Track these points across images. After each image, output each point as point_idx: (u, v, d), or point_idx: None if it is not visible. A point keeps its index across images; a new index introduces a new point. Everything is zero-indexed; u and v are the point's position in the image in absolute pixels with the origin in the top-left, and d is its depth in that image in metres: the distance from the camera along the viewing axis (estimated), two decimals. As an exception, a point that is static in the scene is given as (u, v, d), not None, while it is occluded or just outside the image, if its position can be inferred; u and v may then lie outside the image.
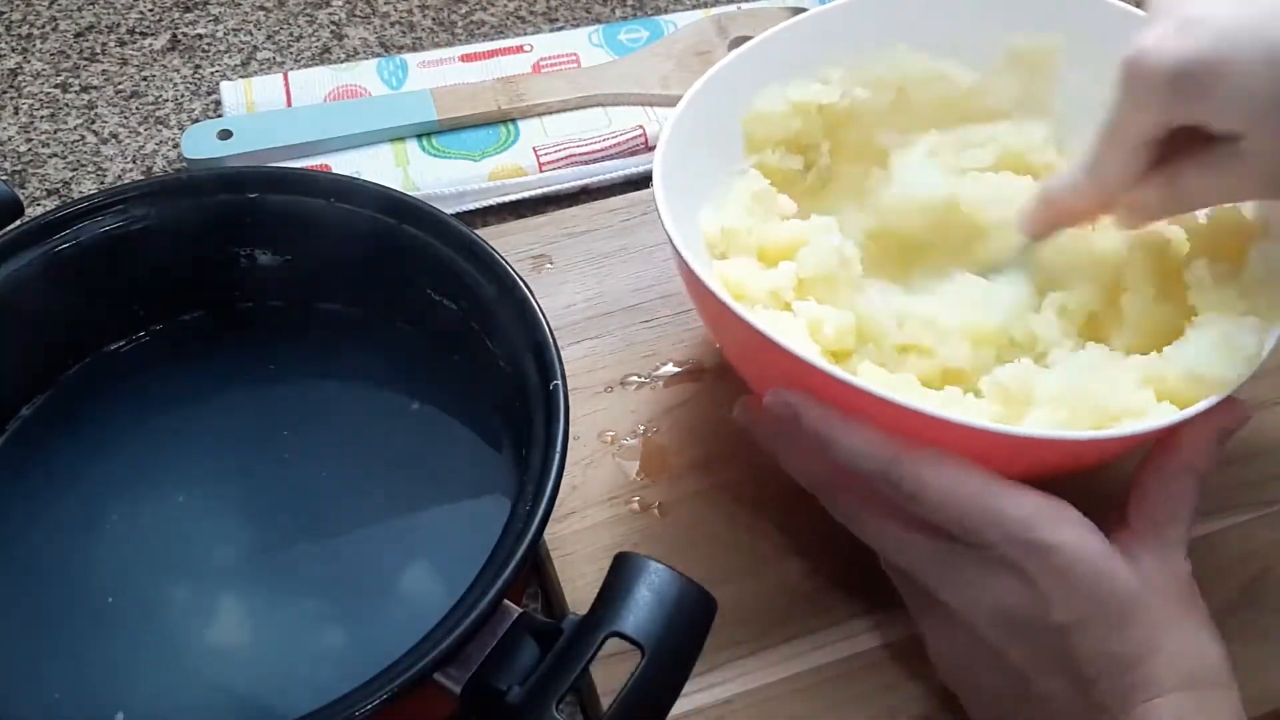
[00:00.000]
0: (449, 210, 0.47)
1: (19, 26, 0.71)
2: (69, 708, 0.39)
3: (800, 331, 0.45)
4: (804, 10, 0.71)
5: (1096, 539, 0.38)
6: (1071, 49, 0.52)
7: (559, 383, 0.40)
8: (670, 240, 0.43)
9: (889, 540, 0.42)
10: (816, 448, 0.41)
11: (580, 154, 0.64)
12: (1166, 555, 0.40)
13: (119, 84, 0.68)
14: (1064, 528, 0.38)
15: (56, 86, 0.68)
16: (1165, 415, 0.40)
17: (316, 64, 0.70)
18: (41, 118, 0.66)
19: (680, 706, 0.37)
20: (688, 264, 0.42)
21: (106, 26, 0.71)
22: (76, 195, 0.62)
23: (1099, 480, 0.45)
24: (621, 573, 0.36)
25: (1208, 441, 0.41)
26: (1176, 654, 0.38)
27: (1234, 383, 0.40)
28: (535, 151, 0.64)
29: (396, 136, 0.64)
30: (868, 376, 0.43)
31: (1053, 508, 0.39)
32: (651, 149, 0.61)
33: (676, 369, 0.54)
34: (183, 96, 0.68)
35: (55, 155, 0.64)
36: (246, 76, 0.68)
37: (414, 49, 0.71)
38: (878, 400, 0.39)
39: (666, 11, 0.74)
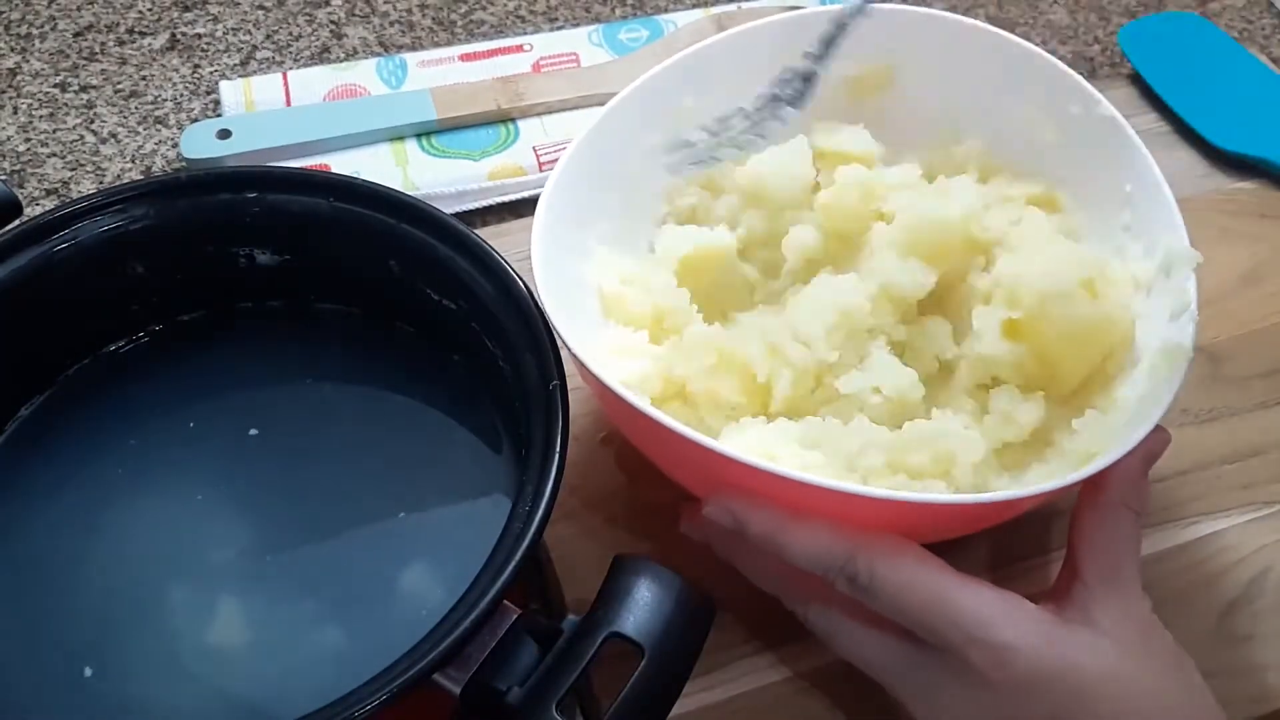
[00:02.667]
0: (449, 210, 0.47)
1: (18, 26, 0.71)
2: (69, 708, 0.39)
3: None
4: (801, 9, 0.71)
5: (1053, 631, 0.38)
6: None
7: (558, 383, 0.40)
8: (569, 349, 0.41)
9: (854, 643, 0.41)
10: (768, 552, 0.40)
11: (580, 153, 0.64)
12: (1125, 604, 0.40)
13: (118, 83, 0.68)
14: (1020, 625, 0.38)
15: (55, 86, 0.68)
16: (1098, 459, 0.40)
17: (316, 63, 0.70)
18: (40, 117, 0.66)
19: (680, 706, 0.37)
20: (595, 375, 0.40)
21: (105, 26, 0.71)
22: (75, 195, 0.62)
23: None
24: (621, 574, 0.37)
25: (1138, 474, 0.42)
26: (1161, 710, 0.38)
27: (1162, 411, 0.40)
28: (535, 151, 0.64)
29: (396, 136, 0.64)
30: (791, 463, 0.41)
31: (1008, 605, 0.38)
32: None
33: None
34: (182, 96, 0.68)
35: (54, 155, 0.64)
36: (246, 76, 0.68)
37: (413, 48, 0.71)
38: (825, 491, 0.38)
39: (666, 11, 0.74)
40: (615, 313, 0.47)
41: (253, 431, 0.46)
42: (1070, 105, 0.49)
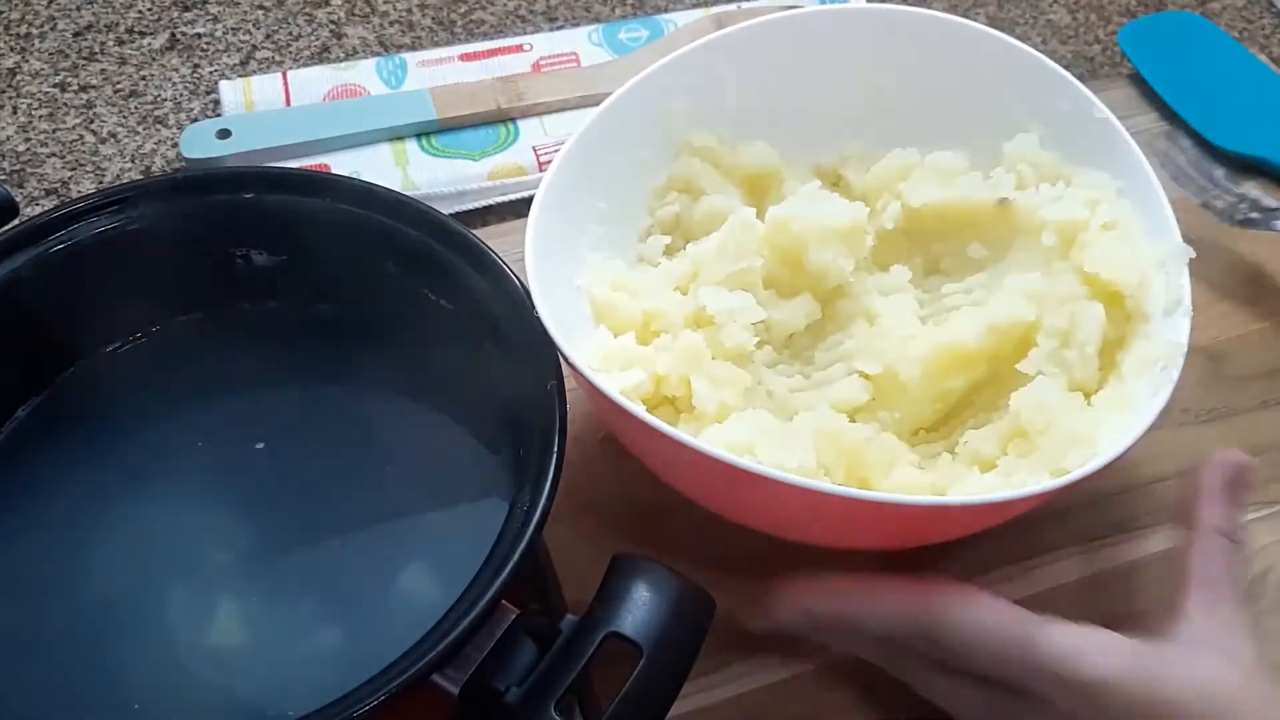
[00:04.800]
0: (448, 210, 0.47)
1: (17, 25, 0.71)
2: (68, 709, 0.39)
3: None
4: (799, 8, 0.71)
5: (1138, 659, 0.36)
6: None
7: (556, 383, 0.40)
8: (562, 356, 0.41)
9: (938, 694, 0.40)
10: (846, 633, 0.40)
11: (579, 153, 0.64)
12: (1227, 640, 0.38)
13: (118, 83, 0.68)
14: (1104, 658, 0.36)
15: (55, 86, 0.68)
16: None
17: (315, 63, 0.70)
18: (40, 117, 0.66)
19: (680, 707, 0.36)
20: (590, 381, 0.40)
21: (105, 26, 0.71)
22: (75, 195, 0.62)
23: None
24: (620, 573, 0.37)
25: (1222, 499, 0.41)
26: None
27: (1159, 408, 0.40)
28: (535, 151, 0.64)
29: (396, 136, 0.64)
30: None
31: (1090, 638, 0.37)
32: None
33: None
34: (181, 96, 0.68)
35: (54, 155, 0.64)
36: (245, 76, 0.68)
37: (413, 48, 0.71)
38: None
39: (666, 11, 0.74)
40: (606, 318, 0.47)
41: (251, 432, 0.46)
42: (1059, 102, 0.50)
